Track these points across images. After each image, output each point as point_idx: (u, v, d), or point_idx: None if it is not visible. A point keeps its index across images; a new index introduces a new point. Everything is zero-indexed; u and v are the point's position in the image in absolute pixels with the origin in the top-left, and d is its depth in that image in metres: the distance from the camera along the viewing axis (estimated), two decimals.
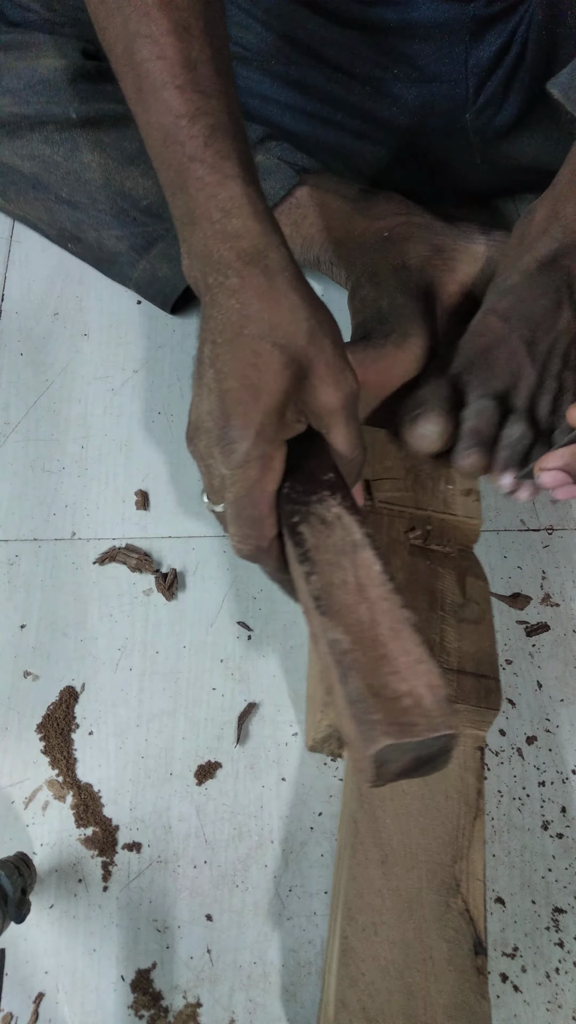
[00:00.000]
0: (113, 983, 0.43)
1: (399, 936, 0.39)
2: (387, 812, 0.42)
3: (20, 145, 0.62)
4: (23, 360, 0.65)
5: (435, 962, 0.39)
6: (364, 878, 0.40)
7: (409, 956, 0.39)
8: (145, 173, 0.62)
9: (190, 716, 0.50)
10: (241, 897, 0.45)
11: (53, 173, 0.63)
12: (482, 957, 0.39)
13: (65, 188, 0.63)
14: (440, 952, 0.39)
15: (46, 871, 0.45)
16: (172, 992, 0.42)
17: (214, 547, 0.57)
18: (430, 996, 0.38)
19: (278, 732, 0.50)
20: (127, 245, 0.64)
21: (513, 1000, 0.43)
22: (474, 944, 0.39)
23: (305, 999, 0.43)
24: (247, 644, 0.53)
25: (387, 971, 0.38)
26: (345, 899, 0.40)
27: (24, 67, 0.60)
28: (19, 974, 0.43)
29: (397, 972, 0.38)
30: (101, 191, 0.63)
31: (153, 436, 0.62)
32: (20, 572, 0.55)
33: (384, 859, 0.41)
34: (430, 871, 0.41)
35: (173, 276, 0.64)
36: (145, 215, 0.63)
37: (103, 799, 0.47)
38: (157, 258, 0.64)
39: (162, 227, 0.63)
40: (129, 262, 0.65)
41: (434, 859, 0.41)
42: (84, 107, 0.61)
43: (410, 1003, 0.38)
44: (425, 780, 0.42)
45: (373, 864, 0.41)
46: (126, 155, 0.62)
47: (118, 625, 0.53)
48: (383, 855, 0.41)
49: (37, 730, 0.49)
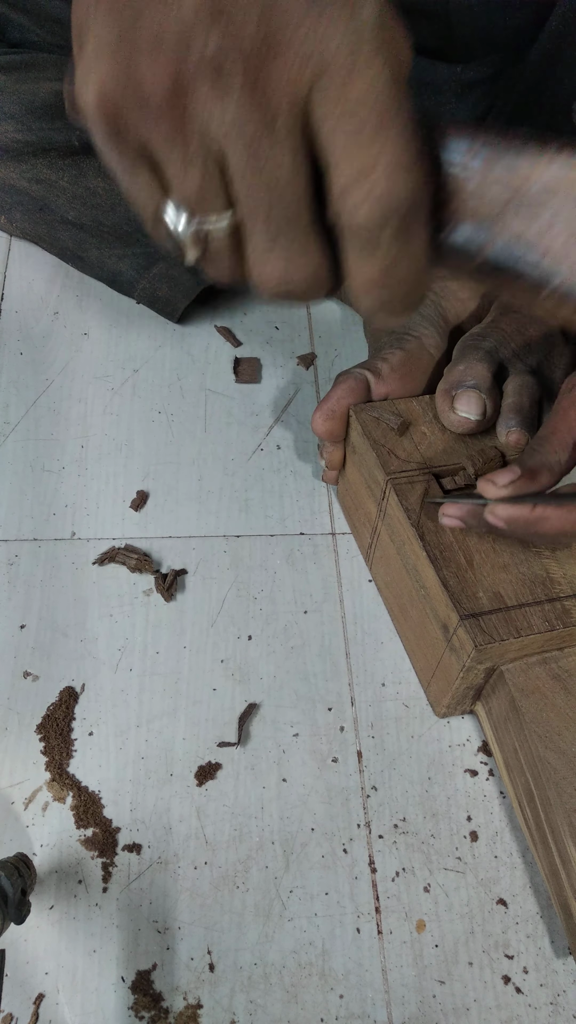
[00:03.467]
0: (113, 984, 0.42)
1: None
2: (569, 741, 0.43)
3: (25, 169, 0.62)
4: (23, 360, 0.65)
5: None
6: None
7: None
8: None
9: (190, 717, 0.50)
10: (242, 898, 0.45)
11: (60, 196, 0.63)
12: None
13: (72, 211, 0.63)
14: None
15: (46, 872, 0.45)
16: (172, 993, 0.42)
17: (214, 547, 0.57)
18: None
19: (279, 733, 0.50)
20: (128, 264, 0.65)
21: (515, 1001, 0.43)
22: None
23: (306, 1000, 0.42)
24: (247, 644, 0.53)
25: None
26: (574, 831, 0.40)
27: (25, 90, 0.60)
28: (19, 975, 0.43)
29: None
30: (107, 215, 0.63)
31: (153, 436, 0.62)
32: (20, 572, 0.55)
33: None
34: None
35: (173, 296, 0.65)
36: (149, 237, 0.63)
37: (103, 800, 0.47)
38: (157, 278, 0.65)
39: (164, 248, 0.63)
40: (129, 281, 0.66)
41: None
42: (86, 134, 0.61)
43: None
44: (571, 692, 0.44)
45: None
46: None
47: (118, 625, 0.53)
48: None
49: (37, 730, 0.49)
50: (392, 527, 0.50)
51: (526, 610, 0.44)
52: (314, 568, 0.57)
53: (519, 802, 0.46)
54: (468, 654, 0.43)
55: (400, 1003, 0.43)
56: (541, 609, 0.44)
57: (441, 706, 0.50)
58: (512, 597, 0.45)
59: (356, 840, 0.47)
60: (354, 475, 0.54)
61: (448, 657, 0.46)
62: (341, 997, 0.43)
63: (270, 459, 0.62)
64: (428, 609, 0.47)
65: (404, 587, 0.50)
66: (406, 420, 0.51)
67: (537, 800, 0.44)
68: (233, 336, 0.68)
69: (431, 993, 0.43)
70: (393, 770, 0.49)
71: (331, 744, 0.50)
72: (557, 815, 0.42)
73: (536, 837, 0.44)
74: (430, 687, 0.51)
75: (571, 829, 0.41)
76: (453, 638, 0.45)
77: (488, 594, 0.45)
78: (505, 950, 0.44)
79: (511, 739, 0.46)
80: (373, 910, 0.45)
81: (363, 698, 0.51)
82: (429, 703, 0.51)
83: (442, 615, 0.46)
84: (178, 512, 0.58)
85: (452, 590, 0.45)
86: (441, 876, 0.46)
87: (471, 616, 0.44)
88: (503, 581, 0.45)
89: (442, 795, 0.48)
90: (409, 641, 0.52)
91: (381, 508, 0.51)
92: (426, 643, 0.49)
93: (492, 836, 0.47)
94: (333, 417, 0.52)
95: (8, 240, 0.71)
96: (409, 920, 0.45)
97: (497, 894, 0.46)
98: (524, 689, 0.44)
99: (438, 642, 0.47)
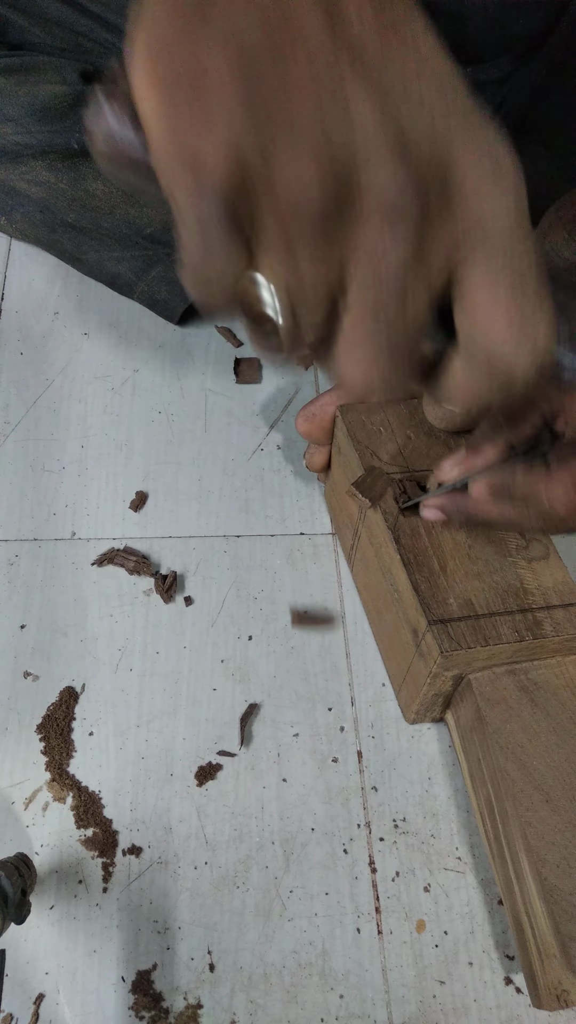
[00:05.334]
0: (113, 984, 0.42)
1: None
2: (531, 754, 0.42)
3: (25, 171, 0.62)
4: (23, 360, 0.65)
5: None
6: (538, 820, 0.41)
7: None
8: (150, 202, 0.62)
9: (190, 717, 0.50)
10: (242, 898, 0.45)
11: (60, 199, 0.63)
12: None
13: (72, 214, 0.64)
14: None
15: (46, 872, 0.45)
16: (173, 993, 0.42)
17: (214, 547, 0.57)
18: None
19: (279, 733, 0.50)
20: (127, 267, 0.65)
21: (515, 1001, 0.43)
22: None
23: (306, 1000, 0.42)
24: (248, 644, 0.53)
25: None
26: (527, 845, 0.40)
27: (24, 93, 0.60)
28: (19, 975, 0.43)
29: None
30: (106, 218, 0.63)
31: (153, 436, 0.62)
32: (20, 572, 0.55)
33: (547, 798, 0.41)
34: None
35: (172, 298, 0.65)
36: (148, 240, 0.63)
37: (103, 800, 0.47)
38: (155, 281, 0.65)
39: (163, 251, 0.63)
40: (128, 283, 0.66)
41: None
42: (86, 137, 0.61)
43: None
44: (547, 714, 0.44)
45: (540, 805, 0.41)
46: None
47: (118, 625, 0.53)
48: (545, 795, 0.41)
49: (37, 731, 0.49)
50: (371, 530, 0.50)
51: (496, 619, 0.44)
52: (314, 568, 0.57)
53: (480, 813, 0.46)
54: (435, 660, 0.43)
55: (400, 1003, 0.43)
56: (512, 619, 0.44)
57: (410, 712, 0.49)
58: (483, 605, 0.44)
59: (356, 840, 0.47)
60: (339, 476, 0.54)
61: (417, 662, 0.46)
62: (341, 997, 0.43)
63: (270, 459, 0.62)
64: (400, 613, 0.47)
65: (380, 590, 0.50)
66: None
67: (496, 812, 0.43)
68: (234, 336, 0.68)
69: (431, 993, 0.43)
70: (393, 770, 0.49)
71: (331, 744, 0.50)
72: (513, 828, 0.42)
73: (494, 850, 0.44)
74: (401, 692, 0.50)
75: (525, 843, 0.40)
76: (422, 643, 0.45)
77: (459, 601, 0.44)
78: (505, 950, 0.44)
79: (475, 749, 0.45)
80: (373, 910, 0.45)
81: (363, 698, 0.51)
82: (400, 708, 0.51)
83: (412, 619, 0.45)
84: (178, 512, 0.58)
85: (423, 594, 0.44)
86: (441, 876, 0.46)
87: (439, 622, 0.43)
88: (475, 589, 0.45)
89: (442, 795, 0.48)
90: (383, 645, 0.52)
91: (362, 510, 0.50)
92: (398, 647, 0.49)
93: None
94: (313, 420, 0.52)
95: (8, 240, 0.71)
96: (409, 920, 0.45)
97: (497, 894, 0.46)
98: (490, 699, 0.44)
99: (408, 647, 0.47)
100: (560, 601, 0.45)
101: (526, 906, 0.41)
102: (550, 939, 0.39)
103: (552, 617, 0.44)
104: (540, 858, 0.40)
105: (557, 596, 0.45)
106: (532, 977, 0.41)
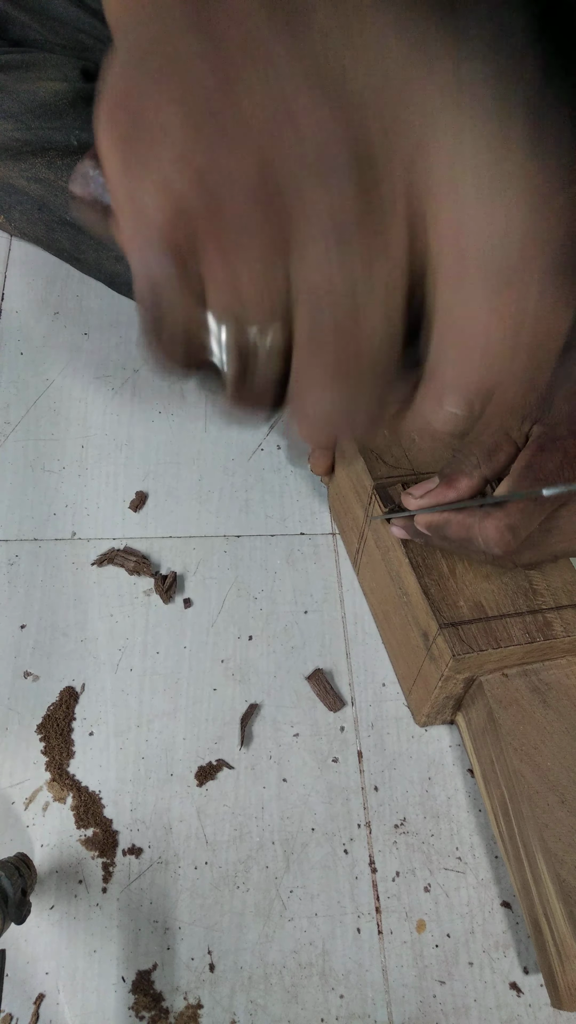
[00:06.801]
0: (114, 984, 0.42)
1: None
2: (544, 755, 0.43)
3: (24, 168, 0.62)
4: (23, 360, 0.65)
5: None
6: (555, 822, 0.41)
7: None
8: None
9: (191, 717, 0.50)
10: (242, 898, 0.45)
11: (58, 196, 0.63)
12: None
13: (69, 212, 0.64)
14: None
15: (46, 872, 0.45)
16: (173, 993, 0.42)
17: (214, 547, 0.57)
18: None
19: (279, 733, 0.50)
20: (125, 266, 0.65)
21: (515, 1001, 0.43)
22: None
23: (306, 1000, 0.42)
24: (248, 644, 0.53)
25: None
26: (545, 847, 0.40)
27: (24, 89, 0.60)
28: (19, 975, 0.43)
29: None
30: None
31: (153, 436, 0.62)
32: (20, 572, 0.55)
33: (563, 799, 0.41)
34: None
35: None
36: None
37: (103, 800, 0.47)
38: None
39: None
40: (127, 282, 0.66)
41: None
42: (85, 134, 0.61)
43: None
44: (560, 715, 0.44)
45: (556, 806, 0.41)
46: None
47: (118, 625, 0.53)
48: (560, 796, 0.41)
49: (37, 730, 0.49)
50: (378, 533, 0.50)
51: (507, 621, 0.44)
52: (314, 568, 0.57)
53: (495, 815, 0.46)
54: (447, 663, 0.43)
55: (400, 1003, 0.43)
56: (522, 620, 0.44)
57: (421, 715, 0.49)
58: (493, 607, 0.44)
59: (356, 840, 0.47)
60: (343, 479, 0.54)
61: (428, 665, 0.46)
62: (341, 997, 0.43)
63: (270, 459, 0.62)
64: (410, 616, 0.47)
65: (388, 593, 0.50)
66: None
67: (511, 814, 0.43)
68: None
69: (431, 993, 0.43)
70: (393, 770, 0.49)
71: (331, 744, 0.50)
72: (529, 830, 0.42)
73: (510, 851, 0.44)
74: (411, 695, 0.50)
75: (542, 845, 0.40)
76: (433, 646, 0.45)
77: (469, 603, 0.44)
78: (505, 950, 0.44)
79: (488, 751, 0.45)
80: (373, 910, 0.45)
81: (363, 698, 0.51)
82: (410, 711, 0.51)
83: (423, 623, 0.45)
84: (178, 512, 0.58)
85: (433, 598, 0.44)
86: (441, 876, 0.46)
87: (451, 625, 0.43)
88: (485, 591, 0.45)
89: (442, 795, 0.48)
90: (392, 648, 0.52)
91: (368, 513, 0.50)
92: (408, 650, 0.49)
93: (492, 837, 0.47)
94: None
95: (8, 240, 0.71)
96: (409, 920, 0.45)
97: (497, 894, 0.46)
98: (502, 701, 0.44)
99: (419, 650, 0.47)
100: (570, 601, 0.45)
101: (544, 908, 0.41)
102: (570, 940, 0.39)
103: (562, 617, 0.44)
104: (558, 859, 0.40)
105: (567, 596, 0.45)
106: (552, 978, 0.41)
